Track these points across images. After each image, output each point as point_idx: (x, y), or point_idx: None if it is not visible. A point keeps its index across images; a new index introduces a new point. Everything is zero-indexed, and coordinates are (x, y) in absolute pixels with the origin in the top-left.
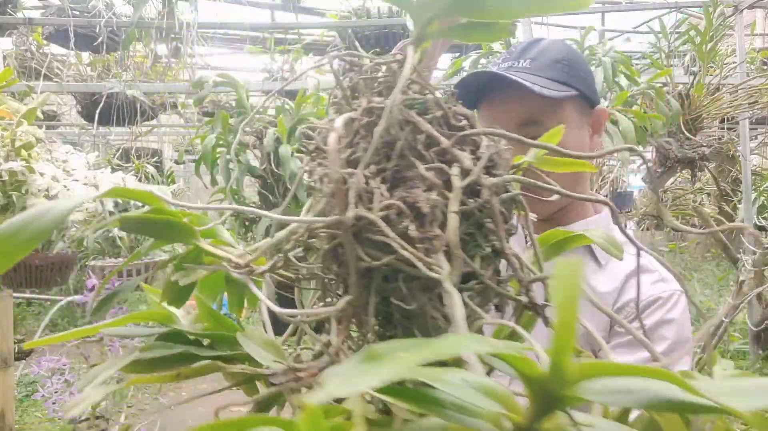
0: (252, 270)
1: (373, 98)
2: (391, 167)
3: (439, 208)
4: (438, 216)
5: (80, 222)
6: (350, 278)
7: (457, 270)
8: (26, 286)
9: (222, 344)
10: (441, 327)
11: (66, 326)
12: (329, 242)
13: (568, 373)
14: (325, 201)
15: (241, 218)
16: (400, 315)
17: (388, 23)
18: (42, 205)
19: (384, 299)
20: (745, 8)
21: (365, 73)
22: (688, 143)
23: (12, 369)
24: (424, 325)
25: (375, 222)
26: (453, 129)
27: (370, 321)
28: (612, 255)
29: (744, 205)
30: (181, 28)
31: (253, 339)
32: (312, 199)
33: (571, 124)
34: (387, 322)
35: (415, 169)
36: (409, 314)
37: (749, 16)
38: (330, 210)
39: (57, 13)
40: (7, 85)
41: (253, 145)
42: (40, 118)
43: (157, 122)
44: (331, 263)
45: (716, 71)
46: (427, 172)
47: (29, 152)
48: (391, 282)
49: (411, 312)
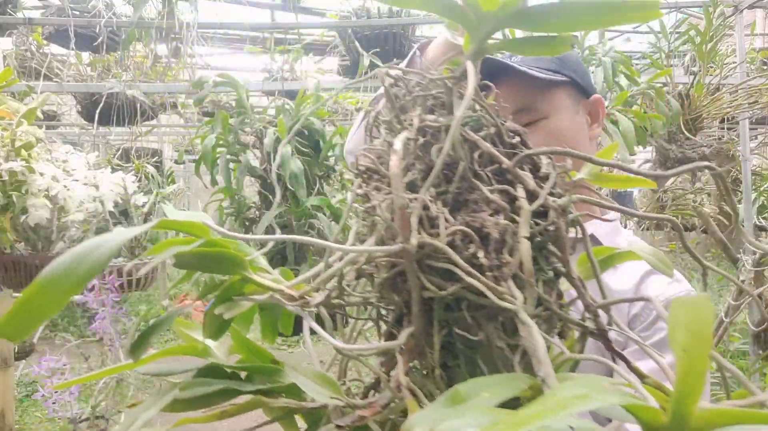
0: (307, 302)
1: (425, 116)
2: (452, 190)
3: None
4: (507, 241)
5: (80, 222)
6: (413, 308)
7: (531, 299)
8: (26, 286)
9: (259, 376)
10: (507, 357)
11: (66, 326)
12: (388, 270)
13: (692, 422)
14: (384, 227)
15: (240, 218)
16: (464, 346)
17: (388, 23)
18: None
19: (445, 327)
20: (745, 8)
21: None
22: (688, 143)
23: (12, 369)
24: (489, 355)
25: (441, 249)
26: (506, 146)
27: (436, 355)
28: (662, 272)
29: (744, 205)
30: (181, 28)
31: (302, 372)
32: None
33: (565, 109)
34: (448, 352)
35: (477, 191)
36: (473, 344)
37: (749, 16)
38: (390, 236)
39: (57, 13)
40: (7, 85)
41: (253, 145)
42: (40, 118)
43: (157, 122)
44: (389, 292)
45: (716, 71)
46: (492, 194)
47: (29, 152)
48: (453, 311)
49: (475, 341)
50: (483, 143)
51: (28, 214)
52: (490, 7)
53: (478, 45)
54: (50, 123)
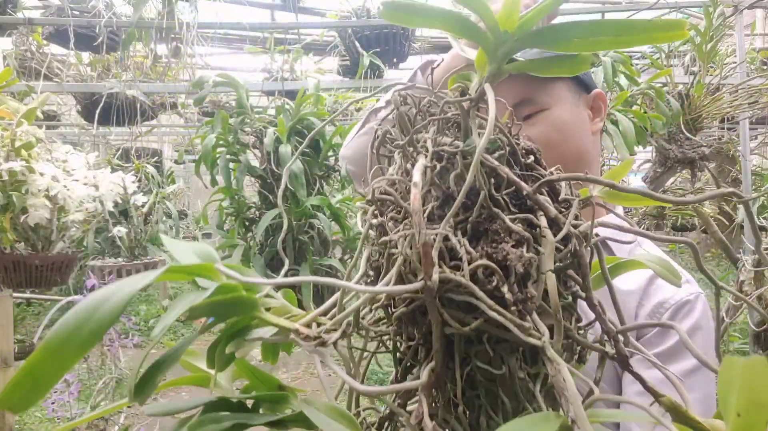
0: (323, 341)
1: (439, 139)
2: (472, 219)
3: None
4: (531, 274)
5: (80, 222)
6: (434, 344)
7: (559, 335)
8: (26, 286)
9: (267, 404)
10: (529, 389)
11: None
12: (406, 304)
13: None
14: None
15: (240, 218)
16: (485, 378)
17: (388, 23)
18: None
19: (465, 360)
20: (745, 8)
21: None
22: (688, 143)
23: (12, 369)
24: (510, 387)
25: (465, 285)
26: (521, 166)
27: (458, 392)
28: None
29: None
30: (181, 28)
31: (317, 406)
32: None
33: (565, 101)
34: (467, 382)
35: (498, 221)
36: (494, 376)
37: (749, 16)
38: (409, 271)
39: (57, 13)
40: (7, 85)
41: (253, 145)
42: (40, 118)
43: (157, 122)
44: (407, 326)
45: (716, 71)
46: (514, 223)
47: (29, 152)
48: (474, 345)
49: (497, 374)
50: (503, 169)
51: (28, 213)
52: (509, 27)
53: (497, 67)
54: (50, 123)
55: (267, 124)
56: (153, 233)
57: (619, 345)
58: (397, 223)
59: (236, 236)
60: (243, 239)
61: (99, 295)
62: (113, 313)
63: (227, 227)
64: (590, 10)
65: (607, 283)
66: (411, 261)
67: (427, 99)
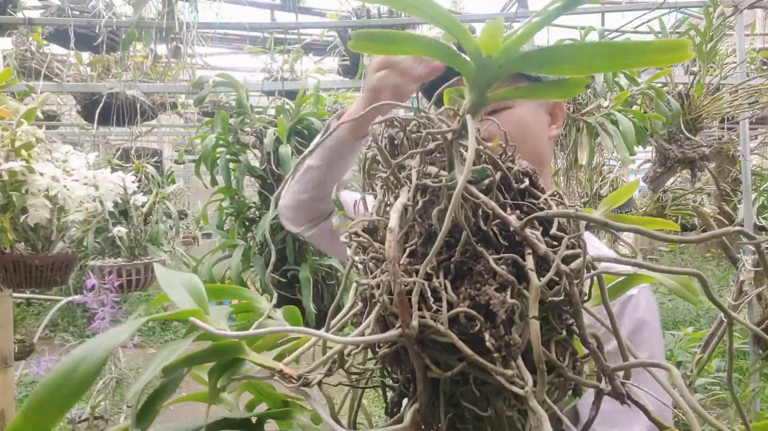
0: (307, 381)
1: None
2: (455, 258)
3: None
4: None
5: (80, 222)
6: (417, 386)
7: (542, 385)
8: (26, 286)
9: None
10: (518, 427)
11: (66, 326)
12: (389, 346)
13: None
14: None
15: (240, 218)
16: (473, 417)
17: (388, 23)
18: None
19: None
20: (745, 8)
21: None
22: (688, 143)
23: (12, 369)
24: (498, 424)
25: (444, 333)
26: (514, 192)
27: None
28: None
29: (744, 204)
30: (181, 28)
31: None
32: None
33: (528, 102)
34: (455, 416)
35: (482, 261)
36: (482, 416)
37: (749, 16)
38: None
39: (57, 13)
40: (7, 85)
41: (253, 145)
42: (40, 118)
43: (157, 122)
44: (392, 365)
45: (716, 71)
46: (498, 264)
47: (29, 152)
48: (460, 385)
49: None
50: (490, 204)
51: (28, 213)
52: (492, 51)
53: (479, 96)
54: (50, 123)
55: (267, 124)
56: (153, 233)
57: (615, 383)
58: (378, 263)
59: (236, 236)
60: (243, 239)
61: (78, 354)
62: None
63: (227, 227)
64: (589, 10)
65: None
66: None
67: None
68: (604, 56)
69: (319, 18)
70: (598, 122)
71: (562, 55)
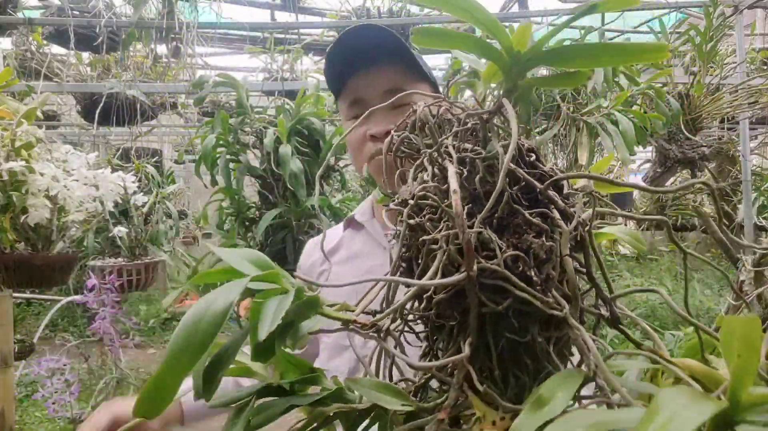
0: (379, 329)
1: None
2: (497, 215)
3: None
4: (552, 259)
5: (80, 222)
6: (471, 322)
7: (576, 307)
8: (26, 286)
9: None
10: (545, 350)
11: (66, 326)
12: (446, 292)
13: (744, 403)
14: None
15: (240, 218)
16: (509, 347)
17: (388, 23)
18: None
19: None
20: (745, 8)
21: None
22: (688, 143)
23: (12, 369)
24: (531, 351)
25: (501, 273)
26: (527, 164)
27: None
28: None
29: (744, 205)
30: (181, 28)
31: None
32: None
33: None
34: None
35: (519, 215)
36: (518, 344)
37: (749, 16)
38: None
39: (57, 13)
40: (7, 85)
41: (253, 145)
42: (40, 118)
43: (157, 122)
44: (447, 309)
45: (716, 71)
46: (533, 217)
47: (29, 152)
48: (501, 320)
49: (521, 342)
50: (520, 172)
51: (28, 213)
52: (521, 47)
53: (513, 83)
54: (50, 123)
55: (267, 124)
56: (153, 233)
57: (613, 308)
58: (434, 223)
59: (236, 236)
60: (243, 239)
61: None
62: (215, 322)
63: (227, 227)
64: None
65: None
66: (451, 255)
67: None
68: (610, 54)
69: (319, 18)
70: (598, 122)
71: (575, 52)
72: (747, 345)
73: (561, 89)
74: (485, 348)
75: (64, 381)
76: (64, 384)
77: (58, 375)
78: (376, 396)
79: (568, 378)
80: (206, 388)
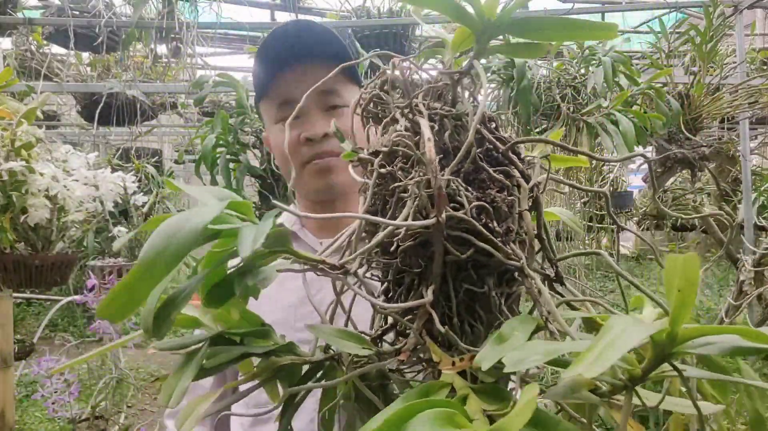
0: (347, 270)
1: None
2: (464, 170)
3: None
4: (512, 213)
5: (80, 222)
6: (435, 270)
7: (531, 258)
8: (26, 286)
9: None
10: (498, 304)
11: (66, 326)
12: (413, 239)
13: (680, 336)
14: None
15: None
16: (466, 297)
17: (388, 23)
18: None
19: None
20: (745, 8)
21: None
22: (688, 143)
23: (12, 369)
24: (486, 303)
25: (468, 221)
26: (488, 129)
27: (453, 306)
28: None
29: (744, 204)
30: (181, 28)
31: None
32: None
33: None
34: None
35: (483, 172)
36: (474, 295)
37: (749, 16)
38: (417, 211)
39: (57, 13)
40: (7, 85)
41: (253, 145)
42: (40, 118)
43: (157, 122)
44: (412, 257)
45: (716, 71)
46: (497, 174)
47: (29, 152)
48: (462, 271)
49: (476, 293)
50: (485, 133)
51: (28, 213)
52: (491, 15)
53: (482, 46)
54: (50, 123)
55: None
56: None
57: (558, 269)
58: (405, 172)
59: None
60: None
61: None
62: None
63: None
64: (590, 11)
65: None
66: (422, 201)
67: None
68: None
69: (319, 18)
70: (598, 122)
71: (534, 24)
72: (687, 281)
73: (561, 90)
74: (445, 297)
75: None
76: (64, 384)
77: (57, 375)
78: (338, 342)
79: (524, 322)
80: (156, 326)
